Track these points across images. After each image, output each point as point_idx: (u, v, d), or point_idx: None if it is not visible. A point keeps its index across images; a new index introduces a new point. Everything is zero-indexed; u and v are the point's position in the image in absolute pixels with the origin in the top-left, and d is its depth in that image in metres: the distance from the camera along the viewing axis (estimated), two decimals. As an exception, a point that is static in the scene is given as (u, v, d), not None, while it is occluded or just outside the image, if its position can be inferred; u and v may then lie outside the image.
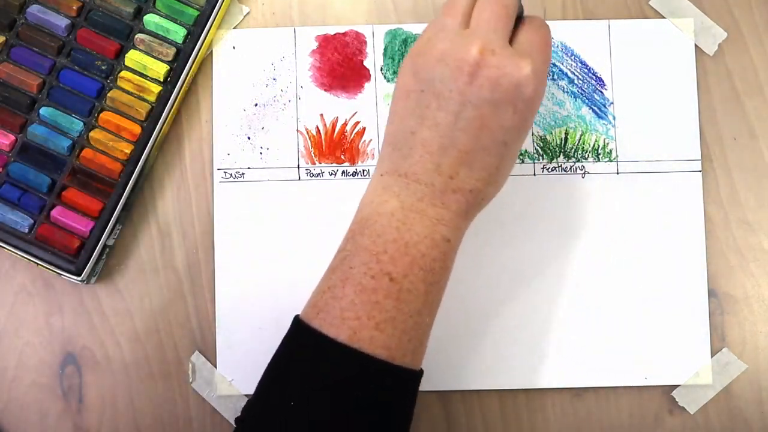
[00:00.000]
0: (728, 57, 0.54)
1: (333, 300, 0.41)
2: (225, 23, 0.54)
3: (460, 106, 0.40)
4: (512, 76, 0.39)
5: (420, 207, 0.41)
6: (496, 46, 0.40)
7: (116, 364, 0.53)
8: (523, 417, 0.53)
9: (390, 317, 0.40)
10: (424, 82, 0.41)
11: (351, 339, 0.39)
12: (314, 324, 0.40)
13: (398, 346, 0.40)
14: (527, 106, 0.40)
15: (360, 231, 0.42)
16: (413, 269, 0.40)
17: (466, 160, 0.41)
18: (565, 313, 0.53)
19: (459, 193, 0.41)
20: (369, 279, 0.40)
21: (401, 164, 0.42)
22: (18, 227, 0.50)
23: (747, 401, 0.52)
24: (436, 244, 0.41)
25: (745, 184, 0.54)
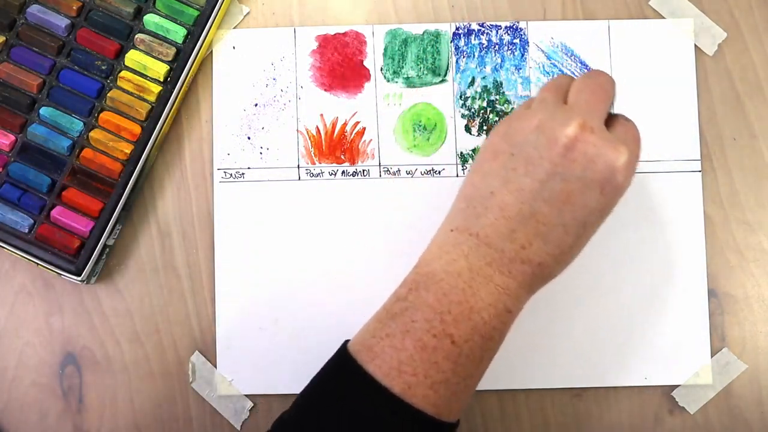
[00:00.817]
0: (728, 57, 0.54)
1: (391, 350, 0.40)
2: (225, 23, 0.54)
3: (549, 176, 0.39)
4: (609, 159, 0.39)
5: (487, 272, 0.40)
6: (596, 126, 0.40)
7: (116, 364, 0.53)
8: (523, 417, 0.53)
9: (445, 378, 0.40)
10: (515, 146, 0.40)
11: (404, 393, 0.39)
12: (368, 368, 0.40)
13: (447, 405, 0.40)
14: (615, 192, 0.40)
15: (425, 285, 0.41)
16: (474, 336, 0.40)
17: (543, 233, 0.40)
18: (565, 313, 0.53)
19: (527, 265, 0.40)
20: (431, 337, 0.40)
21: (474, 223, 0.41)
22: (18, 227, 0.50)
23: (747, 401, 0.52)
24: (498, 314, 0.40)
25: (745, 184, 0.54)
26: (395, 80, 0.54)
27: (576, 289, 0.53)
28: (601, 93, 0.42)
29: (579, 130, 0.39)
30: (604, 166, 0.39)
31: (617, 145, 0.40)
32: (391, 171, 0.54)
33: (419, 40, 0.54)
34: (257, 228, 0.53)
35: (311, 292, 0.53)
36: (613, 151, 0.39)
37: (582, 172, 0.39)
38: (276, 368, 0.52)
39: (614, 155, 0.39)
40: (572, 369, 0.52)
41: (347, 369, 0.41)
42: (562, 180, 0.39)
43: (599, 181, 0.39)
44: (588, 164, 0.39)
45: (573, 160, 0.39)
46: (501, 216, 0.40)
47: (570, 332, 0.52)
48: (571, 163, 0.39)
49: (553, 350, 0.52)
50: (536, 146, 0.40)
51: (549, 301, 0.53)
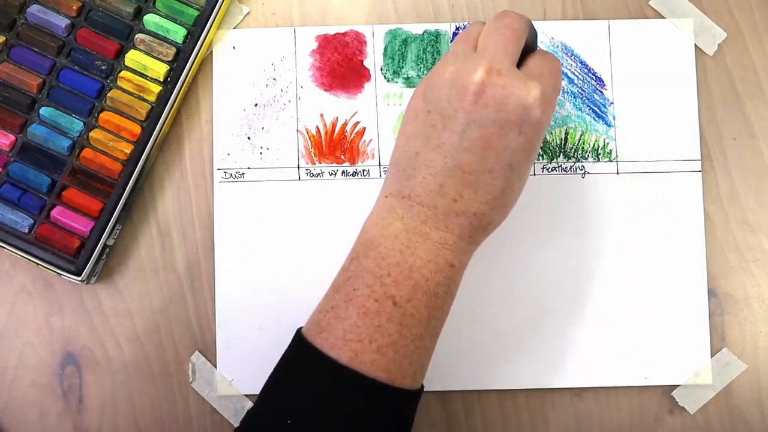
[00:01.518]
0: (728, 57, 0.54)
1: (336, 321, 0.40)
2: (225, 23, 0.54)
3: (465, 126, 0.40)
4: (519, 97, 0.39)
5: (423, 230, 0.41)
6: (503, 67, 0.40)
7: (116, 364, 0.53)
8: (523, 417, 0.53)
9: (392, 341, 0.40)
10: (431, 102, 0.41)
11: (352, 361, 0.39)
12: (316, 343, 0.40)
13: (398, 369, 0.40)
14: (534, 129, 0.40)
15: (364, 253, 0.41)
16: (417, 294, 0.40)
17: (471, 182, 0.40)
18: (565, 313, 0.53)
19: (462, 217, 0.41)
20: (372, 302, 0.40)
21: (405, 185, 0.41)
22: (18, 227, 0.50)
23: (747, 401, 0.52)
24: (439, 269, 0.41)
25: (745, 184, 0.54)
26: (395, 80, 0.54)
27: (576, 288, 0.53)
28: (508, 33, 0.41)
29: (485, 74, 0.39)
30: (515, 105, 0.39)
31: (526, 82, 0.39)
32: (391, 171, 0.54)
33: (419, 40, 0.54)
34: (257, 228, 0.53)
35: (311, 292, 0.53)
36: (523, 88, 0.39)
37: (496, 115, 0.39)
38: (276, 368, 0.52)
39: (524, 92, 0.39)
40: (572, 369, 0.52)
41: (298, 349, 0.42)
42: (479, 127, 0.40)
43: (515, 121, 0.39)
44: (500, 106, 0.39)
45: (485, 105, 0.39)
46: (428, 174, 0.41)
47: (570, 332, 0.52)
48: (483, 108, 0.39)
49: (553, 350, 0.52)
50: (449, 99, 0.40)
51: (549, 301, 0.53)
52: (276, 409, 0.41)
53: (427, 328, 0.41)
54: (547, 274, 0.53)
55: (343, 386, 0.39)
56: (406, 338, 0.40)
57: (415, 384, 0.42)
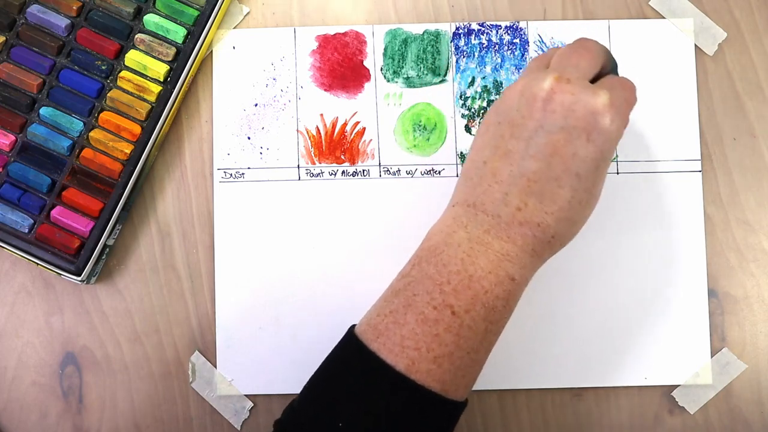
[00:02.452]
0: (728, 57, 0.54)
1: (394, 326, 0.40)
2: (225, 23, 0.54)
3: (533, 133, 0.40)
4: (587, 103, 0.39)
5: (486, 239, 0.40)
6: (572, 77, 0.40)
7: (116, 364, 0.53)
8: (523, 417, 0.53)
9: (448, 352, 0.40)
10: (501, 114, 0.41)
11: (408, 369, 0.39)
12: (373, 347, 0.40)
13: (452, 381, 0.40)
14: (603, 137, 0.39)
15: (426, 259, 0.41)
16: (475, 306, 0.40)
17: (536, 191, 0.40)
18: (565, 313, 0.53)
19: (526, 227, 0.40)
20: (431, 309, 0.40)
21: (471, 194, 0.41)
22: (18, 227, 0.50)
23: (747, 401, 0.52)
24: (500, 281, 0.40)
25: (745, 184, 0.54)
26: (395, 80, 0.54)
27: (576, 288, 0.53)
28: (582, 51, 0.42)
29: (555, 82, 0.40)
30: (584, 111, 0.39)
31: (595, 90, 0.40)
32: (391, 171, 0.54)
33: (419, 40, 0.54)
34: (257, 228, 0.53)
35: (311, 292, 0.53)
36: (591, 95, 0.39)
37: (563, 121, 0.39)
38: (276, 368, 0.52)
39: (593, 99, 0.39)
40: (572, 369, 0.52)
41: (352, 349, 0.41)
42: (546, 133, 0.39)
43: (583, 127, 0.39)
44: (567, 113, 0.39)
45: (553, 111, 0.39)
46: (493, 182, 0.41)
47: (570, 332, 0.52)
48: (551, 114, 0.39)
49: (553, 350, 0.52)
50: (518, 108, 0.40)
51: (549, 301, 0.53)
52: (325, 409, 0.41)
53: (483, 342, 0.41)
54: (546, 274, 0.53)
55: (399, 394, 0.39)
56: (462, 350, 0.40)
57: (464, 396, 0.42)
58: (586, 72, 0.41)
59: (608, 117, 0.39)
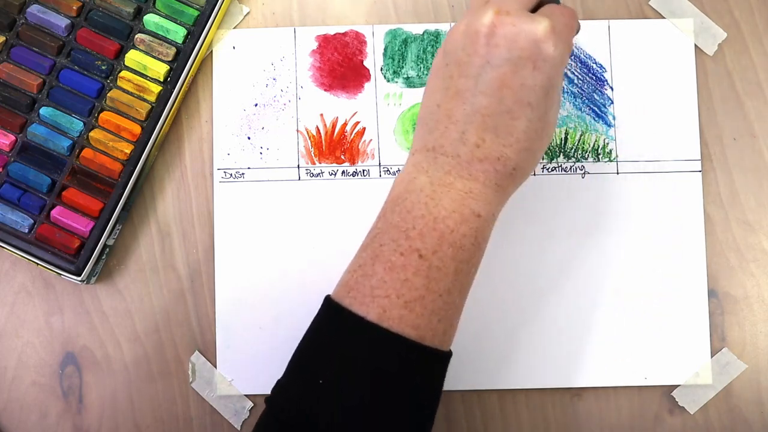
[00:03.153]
0: (728, 57, 0.54)
1: (363, 278, 0.40)
2: (225, 23, 0.54)
3: (480, 69, 0.40)
4: (529, 32, 0.39)
5: (448, 180, 0.41)
6: (511, 8, 0.40)
7: (116, 364, 0.53)
8: (523, 417, 0.53)
9: (419, 296, 0.39)
10: (448, 55, 0.41)
11: (380, 318, 0.39)
12: (345, 303, 0.40)
13: (427, 325, 0.40)
14: (549, 64, 0.40)
15: (391, 209, 0.41)
16: (442, 246, 0.40)
17: (491, 125, 0.40)
18: (565, 313, 0.53)
19: (486, 162, 0.40)
20: (398, 256, 0.40)
21: (428, 139, 0.42)
22: (18, 227, 0.50)
23: (747, 401, 0.52)
24: (465, 219, 0.40)
25: (745, 184, 0.54)
26: (395, 80, 0.54)
27: (576, 288, 0.53)
28: None
29: (495, 16, 0.40)
30: (526, 40, 0.39)
31: (535, 18, 0.40)
32: (391, 171, 0.54)
33: (419, 40, 0.54)
34: (257, 228, 0.53)
35: (311, 292, 0.53)
36: (532, 23, 0.39)
37: (508, 53, 0.39)
38: (276, 368, 0.52)
39: (534, 27, 0.39)
40: (572, 369, 0.52)
41: (326, 311, 0.42)
42: (492, 68, 0.40)
43: (527, 57, 0.39)
44: (511, 44, 0.39)
45: (496, 45, 0.40)
46: (449, 123, 0.41)
47: (570, 332, 0.52)
48: (495, 48, 0.40)
49: (554, 350, 0.52)
50: (464, 47, 0.41)
51: (549, 301, 0.53)
52: (306, 371, 0.41)
53: (455, 283, 0.41)
54: (547, 274, 0.53)
55: (373, 343, 0.39)
56: (433, 293, 0.40)
57: (444, 344, 0.41)
58: (524, 3, 0.41)
59: (551, 43, 0.40)
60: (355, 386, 0.39)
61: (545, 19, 0.40)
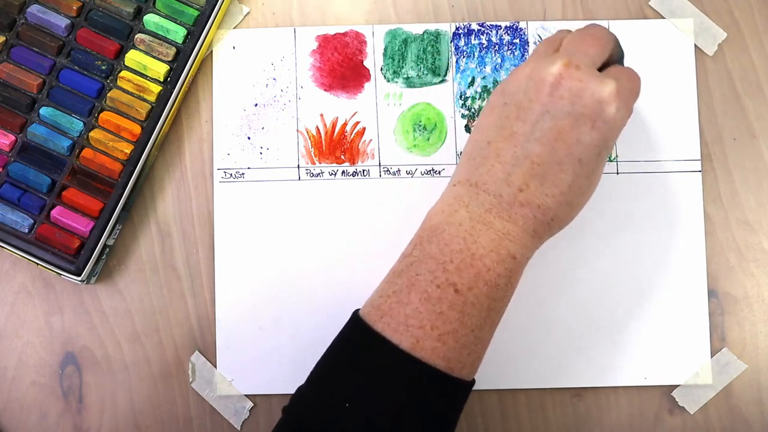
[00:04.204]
0: (728, 57, 0.54)
1: (398, 305, 0.40)
2: (225, 23, 0.54)
3: (539, 116, 0.40)
4: (594, 91, 0.40)
5: (487, 219, 0.41)
6: (582, 64, 0.40)
7: (116, 364, 0.53)
8: (523, 417, 0.53)
9: (452, 329, 0.40)
10: (508, 96, 0.42)
11: (413, 347, 0.39)
12: (377, 327, 0.40)
13: (457, 358, 0.40)
14: (608, 125, 0.40)
15: (428, 238, 0.41)
16: (478, 283, 0.40)
17: (538, 173, 0.40)
18: (565, 313, 0.53)
19: (527, 207, 0.41)
20: (434, 288, 0.40)
21: (473, 173, 0.42)
22: (18, 227, 0.50)
23: (747, 401, 0.52)
24: (501, 259, 0.41)
25: (745, 184, 0.54)
26: (395, 80, 0.54)
27: (576, 288, 0.53)
28: (591, 39, 0.42)
29: (564, 67, 0.40)
30: (590, 99, 0.40)
31: (603, 78, 0.40)
32: (391, 171, 0.54)
33: (419, 40, 0.54)
34: (257, 228, 0.53)
35: (311, 292, 0.53)
36: (599, 83, 0.40)
37: (570, 107, 0.40)
38: (276, 368, 0.52)
39: (600, 87, 0.40)
40: (572, 369, 0.52)
41: (357, 331, 0.42)
42: (552, 118, 0.40)
43: (588, 115, 0.40)
44: (574, 99, 0.40)
45: (560, 97, 0.40)
46: (497, 162, 0.41)
47: (570, 332, 0.52)
48: (558, 100, 0.40)
49: (554, 350, 0.52)
50: (526, 91, 0.41)
51: (549, 301, 0.53)
52: (332, 391, 0.41)
53: (487, 320, 0.41)
54: (547, 274, 0.53)
55: (405, 372, 0.40)
56: (466, 327, 0.40)
57: (470, 375, 0.42)
58: (594, 59, 0.42)
59: (614, 106, 0.40)
60: (382, 412, 0.39)
61: (612, 82, 0.40)
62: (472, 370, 0.42)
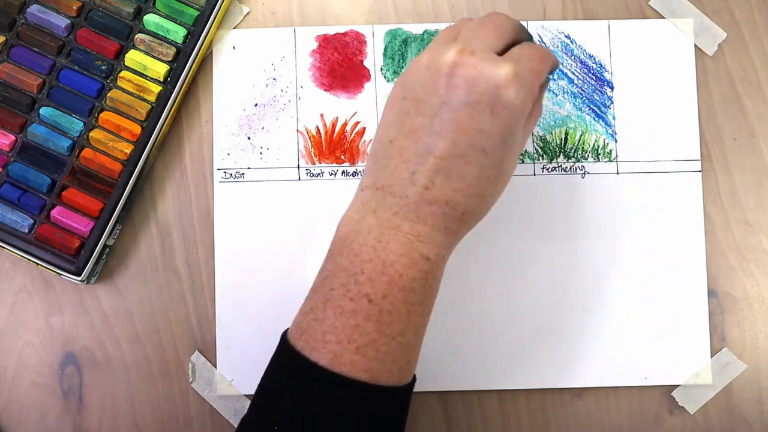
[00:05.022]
0: (728, 57, 0.54)
1: (315, 322, 0.40)
2: (225, 23, 0.54)
3: (437, 109, 0.38)
4: (489, 76, 0.38)
5: (395, 222, 0.39)
6: (477, 49, 0.39)
7: (116, 364, 0.53)
8: (523, 417, 0.53)
9: (371, 340, 0.39)
10: (407, 89, 0.40)
11: (332, 363, 0.39)
12: (297, 346, 0.40)
13: (381, 368, 0.39)
14: (508, 111, 0.38)
15: (338, 250, 0.41)
16: (392, 290, 0.39)
17: (443, 168, 0.39)
18: (565, 313, 0.53)
19: (435, 205, 0.39)
20: (348, 301, 0.39)
21: (379, 176, 0.40)
22: (18, 227, 0.50)
23: (747, 401, 0.52)
24: (414, 263, 0.39)
25: (745, 184, 0.54)
26: (395, 80, 0.54)
27: (576, 289, 0.53)
28: (490, 25, 0.40)
29: (458, 55, 0.38)
30: (486, 85, 0.38)
31: (498, 62, 0.38)
32: (391, 171, 0.54)
33: (419, 40, 0.54)
34: (257, 228, 0.53)
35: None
36: (494, 67, 0.38)
37: (467, 96, 0.38)
38: (276, 368, 0.52)
39: (495, 71, 0.38)
40: (572, 369, 0.52)
41: (282, 352, 0.42)
42: (450, 110, 0.38)
43: (486, 102, 0.38)
44: (470, 87, 0.38)
45: (456, 87, 0.38)
46: (400, 161, 0.39)
47: (570, 332, 0.52)
48: (454, 90, 0.38)
49: (554, 350, 0.52)
50: (423, 83, 0.39)
51: (549, 301, 0.53)
52: (263, 415, 0.41)
53: (408, 325, 0.40)
54: (546, 274, 0.53)
55: (326, 389, 0.39)
56: (385, 336, 0.39)
57: (403, 380, 0.41)
58: (492, 45, 0.39)
59: (512, 90, 0.38)
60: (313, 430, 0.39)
61: (509, 65, 0.38)
62: (402, 375, 0.41)
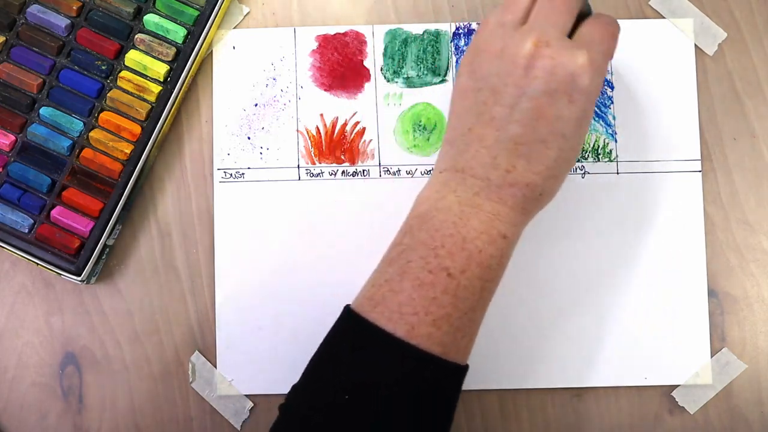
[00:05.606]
0: (728, 57, 0.54)
1: (391, 294, 0.40)
2: (225, 23, 0.54)
3: (516, 99, 0.40)
4: (566, 66, 0.40)
5: (476, 202, 0.41)
6: (551, 38, 0.40)
7: (116, 364, 0.53)
8: (523, 417, 0.53)
9: (446, 314, 0.40)
10: (481, 80, 0.41)
11: (409, 335, 0.39)
12: (371, 317, 0.40)
13: (452, 342, 0.40)
14: (584, 96, 0.40)
15: (418, 226, 0.42)
16: (470, 265, 0.40)
17: (524, 153, 0.41)
18: (565, 313, 0.53)
19: (516, 187, 0.41)
20: (427, 273, 0.40)
21: (458, 160, 0.42)
22: (18, 227, 0.50)
23: (747, 401, 0.52)
24: (492, 240, 0.41)
25: (745, 184, 0.54)
26: (395, 80, 0.54)
27: (576, 289, 0.53)
28: (559, 5, 0.42)
29: (534, 47, 0.40)
30: (563, 74, 0.40)
31: (573, 51, 0.40)
32: (391, 171, 0.54)
33: (419, 40, 0.54)
34: (257, 228, 0.53)
35: (311, 292, 0.53)
36: (569, 57, 0.40)
37: (545, 86, 0.40)
38: (276, 368, 0.52)
39: (571, 60, 0.40)
40: (572, 369, 0.52)
41: (350, 323, 0.42)
42: (529, 99, 0.40)
43: (564, 90, 0.40)
44: (549, 77, 0.40)
45: (534, 77, 0.40)
46: (481, 147, 0.41)
47: (570, 332, 0.52)
48: (533, 80, 0.40)
49: (554, 350, 0.52)
50: (499, 74, 0.41)
51: (549, 301, 0.53)
52: (329, 384, 0.41)
53: (480, 301, 0.41)
54: (546, 274, 0.53)
55: (402, 360, 0.39)
56: (459, 311, 0.40)
57: (465, 359, 0.42)
58: (563, 27, 0.41)
59: (587, 77, 0.40)
60: (381, 401, 0.39)
61: (583, 53, 0.40)
62: (466, 354, 0.42)
